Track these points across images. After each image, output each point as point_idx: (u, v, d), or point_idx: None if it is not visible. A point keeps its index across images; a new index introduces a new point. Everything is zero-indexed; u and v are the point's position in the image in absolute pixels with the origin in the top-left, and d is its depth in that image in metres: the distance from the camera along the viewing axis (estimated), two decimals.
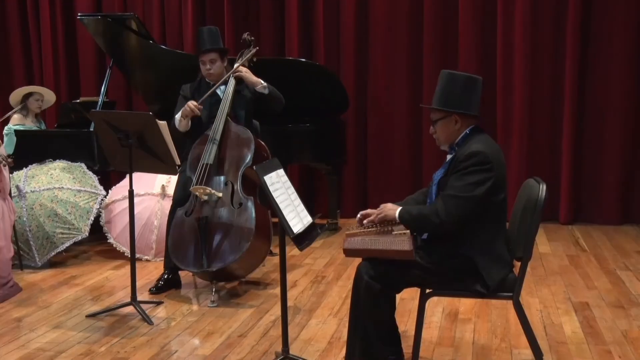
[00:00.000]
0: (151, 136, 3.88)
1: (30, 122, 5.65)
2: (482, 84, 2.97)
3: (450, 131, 2.96)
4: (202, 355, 3.39)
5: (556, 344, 3.45)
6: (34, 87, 5.68)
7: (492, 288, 2.86)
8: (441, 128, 2.97)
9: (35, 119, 5.73)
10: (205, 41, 4.42)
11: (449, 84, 2.93)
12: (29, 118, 5.66)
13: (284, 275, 3.17)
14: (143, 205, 5.09)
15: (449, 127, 2.95)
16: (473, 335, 3.61)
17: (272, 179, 3.05)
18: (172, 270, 4.47)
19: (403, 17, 6.42)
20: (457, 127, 2.94)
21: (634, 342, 3.46)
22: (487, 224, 2.86)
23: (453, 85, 2.92)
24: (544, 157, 6.28)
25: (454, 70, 3.06)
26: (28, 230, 5.00)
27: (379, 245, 2.82)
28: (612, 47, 6.04)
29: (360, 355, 2.92)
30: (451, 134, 2.96)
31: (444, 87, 2.94)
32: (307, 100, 5.76)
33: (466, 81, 2.93)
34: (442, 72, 2.98)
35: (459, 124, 2.94)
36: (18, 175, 5.19)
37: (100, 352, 3.45)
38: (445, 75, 2.96)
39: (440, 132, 2.98)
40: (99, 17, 5.73)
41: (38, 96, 5.65)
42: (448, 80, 2.94)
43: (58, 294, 4.45)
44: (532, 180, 3.00)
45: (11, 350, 3.50)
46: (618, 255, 5.17)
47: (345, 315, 3.80)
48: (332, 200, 6.13)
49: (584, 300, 4.12)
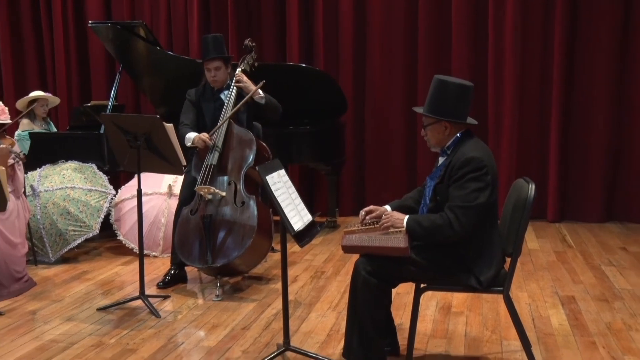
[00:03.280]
0: (158, 138, 3.88)
1: (38, 126, 5.64)
2: (472, 91, 2.96)
3: (440, 136, 2.95)
4: (207, 347, 3.39)
5: (544, 336, 3.45)
6: (38, 94, 5.66)
7: (484, 283, 2.85)
8: (432, 133, 2.97)
9: (44, 122, 5.72)
10: (210, 49, 4.40)
11: (440, 92, 2.91)
12: (37, 122, 5.65)
13: (285, 271, 3.17)
14: (151, 204, 5.08)
15: (439, 133, 2.95)
16: (465, 327, 3.61)
17: (273, 178, 3.05)
18: (178, 265, 4.46)
19: (399, 25, 6.41)
20: (447, 133, 2.94)
21: (617, 334, 3.46)
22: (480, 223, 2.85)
23: (444, 93, 2.90)
24: (532, 158, 6.28)
25: (447, 76, 3.04)
26: (42, 228, 5.00)
27: (376, 242, 2.82)
28: (596, 55, 6.03)
29: (358, 346, 2.92)
30: (442, 138, 2.96)
31: (435, 94, 2.92)
32: (307, 103, 5.76)
33: (457, 89, 2.90)
34: (435, 78, 2.95)
35: (448, 130, 2.93)
36: (32, 176, 5.19)
37: (110, 344, 3.45)
38: (438, 82, 2.92)
39: (431, 135, 2.98)
40: (109, 24, 5.72)
41: (42, 102, 5.65)
42: (440, 87, 2.91)
43: (70, 288, 4.44)
44: (522, 180, 3.00)
45: (26, 342, 3.51)
46: (602, 251, 5.17)
47: (343, 309, 3.79)
48: (331, 199, 6.12)
49: (570, 294, 4.12)
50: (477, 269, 2.86)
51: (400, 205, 3.10)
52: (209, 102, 4.49)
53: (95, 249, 5.50)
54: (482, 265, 2.86)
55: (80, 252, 5.35)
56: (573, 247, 5.31)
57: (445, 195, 2.85)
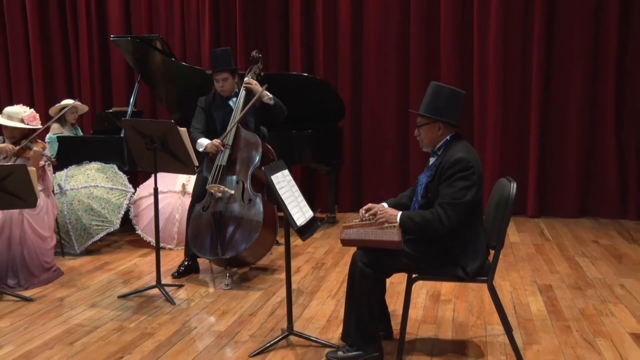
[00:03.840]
0: (173, 141, 3.87)
1: (67, 130, 5.64)
2: (464, 97, 2.96)
3: (433, 136, 2.94)
4: (217, 331, 3.39)
5: (524, 321, 3.46)
6: (70, 102, 5.66)
7: (470, 274, 2.85)
8: (425, 133, 2.96)
9: (72, 127, 5.72)
10: (219, 62, 4.40)
11: (436, 95, 2.91)
12: (66, 127, 5.64)
13: (288, 262, 3.17)
14: (166, 201, 5.08)
15: (433, 133, 2.94)
16: (453, 313, 3.60)
17: (278, 178, 3.04)
18: (191, 257, 4.46)
19: (392, 37, 6.40)
20: (439, 134, 2.93)
21: (589, 319, 3.47)
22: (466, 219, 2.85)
23: (439, 97, 2.90)
24: (514, 159, 6.27)
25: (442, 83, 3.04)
26: (68, 223, 5.00)
27: (372, 236, 2.82)
28: (571, 66, 6.03)
29: (355, 331, 2.92)
30: (434, 139, 2.95)
31: (431, 97, 2.92)
32: (309, 109, 5.75)
33: (451, 94, 2.91)
34: (432, 83, 2.96)
35: (441, 131, 2.93)
36: (60, 175, 5.19)
37: (130, 328, 3.45)
38: (434, 86, 2.93)
39: (424, 136, 2.97)
40: (129, 38, 5.71)
41: (73, 109, 5.65)
42: (436, 91, 2.92)
43: (94, 278, 4.44)
44: (504, 179, 3.00)
45: (55, 325, 3.51)
46: (576, 244, 5.16)
47: (342, 297, 3.80)
48: (331, 196, 6.11)
49: (547, 283, 4.12)
50: (463, 261, 2.85)
51: (396, 203, 3.09)
52: (219, 108, 4.49)
53: (116, 242, 5.50)
54: (468, 257, 2.86)
55: (103, 245, 5.35)
56: (550, 240, 5.31)
57: (436, 192, 2.85)
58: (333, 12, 6.51)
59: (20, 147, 4.32)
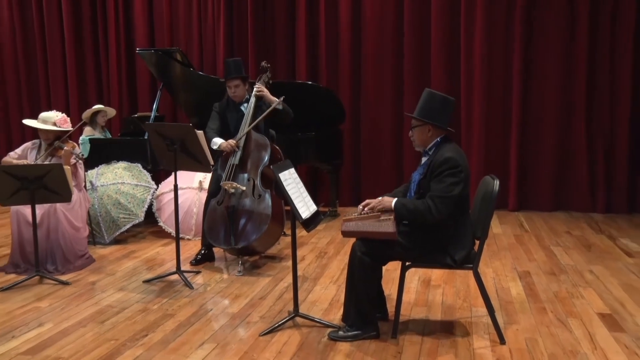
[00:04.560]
0: (191, 143, 3.86)
1: (98, 132, 5.62)
2: (454, 104, 2.94)
3: (424, 137, 2.93)
4: (231, 313, 3.37)
5: (505, 303, 3.44)
6: (100, 107, 5.64)
7: (458, 262, 2.83)
8: (417, 134, 2.95)
9: (102, 130, 5.70)
10: (231, 70, 4.38)
11: (428, 101, 2.90)
12: (97, 130, 5.62)
13: (294, 251, 3.15)
14: (185, 196, 5.06)
15: (424, 134, 2.93)
16: (442, 297, 3.58)
17: (285, 175, 3.03)
18: (207, 247, 4.44)
19: (388, 49, 6.36)
20: (429, 135, 2.92)
21: (562, 301, 3.45)
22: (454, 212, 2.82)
23: (432, 102, 2.89)
24: (496, 158, 6.23)
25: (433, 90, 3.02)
26: (99, 215, 4.98)
27: (370, 228, 2.80)
28: (547, 73, 6.00)
29: (355, 313, 2.91)
30: (425, 139, 2.94)
31: (424, 102, 2.91)
32: (313, 114, 5.72)
33: (442, 100, 2.90)
34: (426, 90, 2.95)
35: (431, 133, 2.91)
36: (91, 173, 5.17)
37: (153, 309, 3.44)
38: (428, 93, 2.93)
39: (417, 136, 2.96)
40: (152, 51, 5.68)
41: (104, 113, 5.63)
42: (429, 97, 2.91)
43: (121, 264, 4.43)
44: (488, 177, 2.98)
45: (88, 306, 3.51)
46: (552, 235, 5.13)
47: (342, 283, 3.78)
48: (332, 193, 6.09)
49: (526, 270, 4.09)
50: (452, 250, 2.84)
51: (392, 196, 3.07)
52: (232, 113, 4.47)
53: (141, 233, 5.48)
54: (456, 247, 2.84)
55: (129, 235, 5.33)
56: (529, 232, 5.28)
57: (428, 188, 2.84)
58: (335, 27, 6.48)
59: (53, 147, 4.32)
